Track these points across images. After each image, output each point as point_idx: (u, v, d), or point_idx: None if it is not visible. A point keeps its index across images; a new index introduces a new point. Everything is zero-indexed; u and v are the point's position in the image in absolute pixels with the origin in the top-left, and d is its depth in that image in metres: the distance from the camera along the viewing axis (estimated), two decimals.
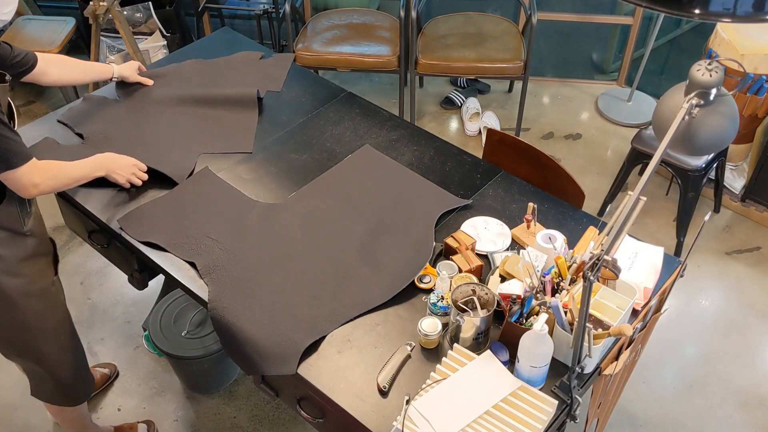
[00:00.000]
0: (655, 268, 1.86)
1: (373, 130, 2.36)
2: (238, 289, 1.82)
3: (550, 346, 1.56)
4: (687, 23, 4.53)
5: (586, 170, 3.57)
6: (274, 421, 2.55)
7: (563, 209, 2.08)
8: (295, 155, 2.26)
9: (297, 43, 3.53)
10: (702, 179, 2.96)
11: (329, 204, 2.07)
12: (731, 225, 3.29)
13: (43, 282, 1.93)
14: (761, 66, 2.96)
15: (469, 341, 1.68)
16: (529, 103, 3.92)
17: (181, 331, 2.44)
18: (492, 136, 2.47)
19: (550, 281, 1.69)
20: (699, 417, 2.57)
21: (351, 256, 1.91)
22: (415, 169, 2.20)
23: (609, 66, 4.29)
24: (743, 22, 1.63)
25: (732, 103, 1.49)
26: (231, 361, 2.59)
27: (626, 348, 1.74)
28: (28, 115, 3.90)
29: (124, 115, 2.36)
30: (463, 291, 1.70)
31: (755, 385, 2.66)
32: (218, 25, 4.27)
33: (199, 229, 1.99)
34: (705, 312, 2.93)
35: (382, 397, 1.63)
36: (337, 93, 2.54)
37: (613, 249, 1.36)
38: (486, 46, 3.51)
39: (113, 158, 2.03)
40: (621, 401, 2.58)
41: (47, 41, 3.60)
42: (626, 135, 3.74)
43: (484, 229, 1.99)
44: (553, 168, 2.30)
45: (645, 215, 3.29)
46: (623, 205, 1.39)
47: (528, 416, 1.55)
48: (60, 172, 1.85)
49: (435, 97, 4.07)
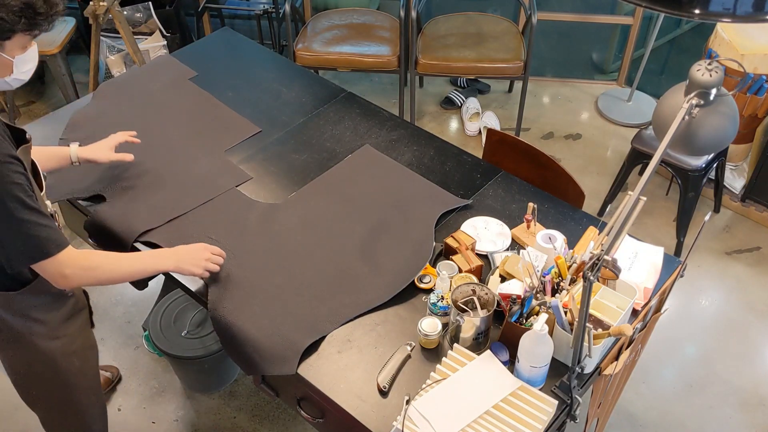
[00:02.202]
0: (655, 268, 1.86)
1: (373, 130, 2.36)
2: (238, 289, 1.82)
3: (550, 346, 1.56)
4: (687, 23, 4.53)
5: (586, 170, 3.57)
6: (274, 421, 2.55)
7: (563, 209, 2.08)
8: (295, 155, 2.26)
9: (297, 43, 3.53)
10: (702, 179, 2.96)
11: (329, 204, 2.07)
12: (731, 225, 3.29)
13: (82, 338, 1.85)
14: (761, 66, 2.96)
15: (469, 341, 1.68)
16: (529, 103, 3.92)
17: (181, 331, 2.44)
18: (492, 136, 2.47)
19: (550, 281, 1.69)
20: (699, 417, 2.57)
21: (351, 256, 1.91)
22: (415, 169, 2.20)
23: (609, 66, 4.29)
24: (743, 22, 1.63)
25: (732, 103, 1.49)
26: (231, 361, 2.59)
27: (626, 348, 1.74)
28: (28, 115, 3.90)
29: None
30: (463, 291, 1.70)
31: (755, 385, 2.66)
32: (218, 25, 4.27)
33: (199, 229, 1.98)
34: (705, 312, 2.93)
35: (382, 397, 1.63)
36: (337, 93, 2.54)
37: (613, 249, 1.36)
38: (486, 46, 3.51)
39: (183, 250, 1.75)
40: (621, 401, 2.58)
41: (47, 41, 3.60)
42: (626, 135, 3.74)
43: (484, 229, 1.99)
44: (553, 168, 2.29)
45: (645, 215, 3.29)
46: (623, 205, 1.39)
47: (528, 416, 1.55)
48: (102, 264, 1.62)
49: (435, 97, 4.07)
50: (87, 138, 2.22)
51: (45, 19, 1.45)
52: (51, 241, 1.51)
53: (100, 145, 2.03)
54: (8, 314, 1.65)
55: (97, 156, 2.00)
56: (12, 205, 1.44)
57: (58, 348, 1.76)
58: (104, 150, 2.02)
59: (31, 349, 1.72)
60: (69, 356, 1.79)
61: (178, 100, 2.47)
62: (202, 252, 1.76)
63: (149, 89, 2.52)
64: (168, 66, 2.64)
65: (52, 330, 1.73)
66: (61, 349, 1.76)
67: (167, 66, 2.64)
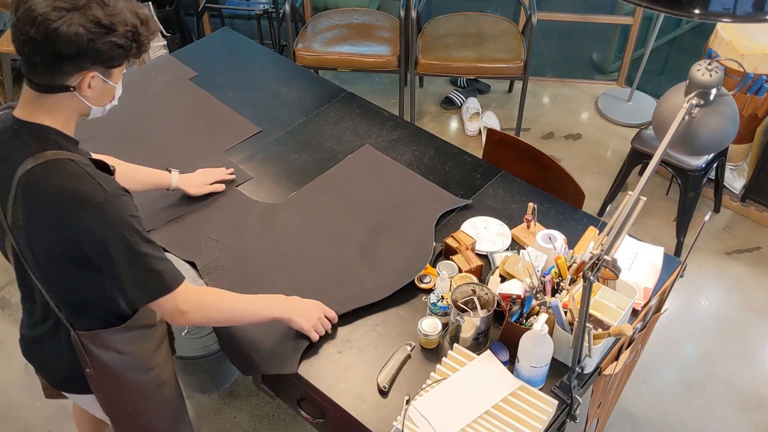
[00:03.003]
0: (655, 268, 1.86)
1: (373, 130, 2.36)
2: (238, 289, 1.82)
3: (550, 346, 1.56)
4: (687, 23, 4.53)
5: (586, 170, 3.57)
6: (274, 421, 2.55)
7: (563, 209, 2.08)
8: (295, 155, 2.26)
9: (297, 43, 3.53)
10: (702, 179, 2.96)
11: (329, 204, 2.07)
12: (731, 225, 3.29)
13: (169, 367, 1.77)
14: (761, 66, 2.96)
15: (469, 341, 1.68)
16: (529, 103, 3.92)
17: (181, 331, 2.44)
18: (492, 136, 2.47)
19: (550, 281, 1.69)
20: (699, 417, 2.57)
21: (351, 256, 1.91)
22: (415, 169, 2.20)
23: (609, 66, 4.29)
24: (743, 22, 1.63)
25: (732, 103, 1.49)
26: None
27: (626, 348, 1.74)
28: None
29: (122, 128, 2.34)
30: (463, 291, 1.70)
31: (755, 385, 2.66)
32: (218, 25, 4.27)
33: (199, 229, 1.98)
34: (705, 312, 2.93)
35: (382, 397, 1.63)
36: (337, 93, 2.54)
37: (613, 249, 1.36)
38: (486, 46, 3.51)
39: (299, 302, 1.72)
40: (621, 401, 2.58)
41: None
42: (626, 135, 3.74)
43: (484, 229, 1.99)
44: (553, 168, 2.30)
45: (645, 215, 3.29)
46: (623, 205, 1.39)
47: (528, 416, 1.55)
48: (218, 303, 1.57)
49: (435, 97, 4.07)
50: (91, 139, 2.22)
51: (147, 43, 1.38)
52: (171, 275, 1.45)
53: (198, 181, 2.07)
54: (101, 351, 1.56)
55: (192, 191, 2.06)
56: (132, 239, 1.36)
57: (150, 380, 1.69)
58: (201, 186, 2.07)
59: (123, 383, 1.64)
60: (160, 387, 1.73)
61: (178, 100, 2.47)
62: (317, 311, 1.73)
63: (149, 89, 2.52)
64: (168, 66, 2.64)
65: (144, 362, 1.66)
66: (152, 382, 1.70)
67: (167, 66, 2.64)
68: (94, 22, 1.26)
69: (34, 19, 1.23)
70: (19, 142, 1.35)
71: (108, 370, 1.59)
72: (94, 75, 1.33)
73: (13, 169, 1.34)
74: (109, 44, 1.29)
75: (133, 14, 1.32)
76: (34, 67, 1.29)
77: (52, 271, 1.43)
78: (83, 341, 1.53)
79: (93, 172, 1.36)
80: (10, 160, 1.35)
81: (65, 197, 1.32)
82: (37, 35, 1.24)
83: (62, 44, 1.24)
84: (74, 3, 1.25)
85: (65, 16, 1.24)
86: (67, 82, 1.31)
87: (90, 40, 1.26)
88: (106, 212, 1.33)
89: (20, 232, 1.38)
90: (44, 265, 1.42)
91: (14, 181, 1.34)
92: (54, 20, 1.23)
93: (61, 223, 1.34)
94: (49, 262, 1.41)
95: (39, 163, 1.32)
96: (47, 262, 1.41)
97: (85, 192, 1.32)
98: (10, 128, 1.37)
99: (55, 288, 1.47)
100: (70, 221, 1.33)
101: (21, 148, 1.34)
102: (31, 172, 1.32)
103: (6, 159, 1.36)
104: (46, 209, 1.34)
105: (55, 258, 1.39)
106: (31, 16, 1.24)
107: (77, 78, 1.32)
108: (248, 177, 2.17)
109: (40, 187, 1.33)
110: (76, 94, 1.34)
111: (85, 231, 1.33)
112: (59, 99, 1.34)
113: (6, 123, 1.38)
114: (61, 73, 1.30)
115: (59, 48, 1.25)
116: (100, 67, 1.33)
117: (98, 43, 1.27)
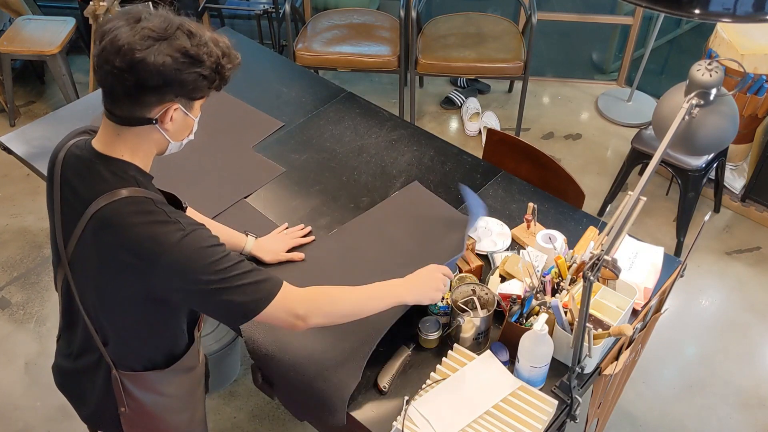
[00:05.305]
0: (655, 268, 1.86)
1: (373, 130, 2.36)
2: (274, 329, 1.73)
3: (550, 346, 1.56)
4: (687, 23, 4.53)
5: (586, 170, 3.57)
6: (274, 421, 2.55)
7: (563, 209, 2.08)
8: (295, 155, 2.26)
9: (297, 43, 3.53)
10: (702, 179, 2.96)
11: (371, 244, 1.97)
12: (731, 225, 3.29)
13: (202, 406, 1.71)
14: (761, 66, 2.96)
15: (469, 341, 1.68)
16: (529, 103, 3.92)
17: None
18: (492, 136, 2.47)
19: (550, 281, 1.69)
20: (699, 417, 2.57)
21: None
22: (415, 169, 2.20)
23: (609, 66, 4.29)
24: (743, 22, 1.63)
25: (732, 103, 1.49)
26: (231, 361, 2.60)
27: (626, 348, 1.74)
28: (28, 115, 3.90)
29: None
30: (463, 291, 1.70)
31: (755, 385, 2.66)
32: (218, 25, 4.27)
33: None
34: (705, 312, 2.93)
35: (382, 397, 1.63)
36: (337, 93, 2.54)
37: (613, 249, 1.36)
38: (486, 46, 3.51)
39: (417, 280, 1.57)
40: (621, 401, 2.58)
41: (47, 41, 3.60)
42: (626, 135, 3.74)
43: (484, 229, 1.99)
44: (553, 168, 2.30)
45: (645, 215, 3.29)
46: (623, 205, 1.39)
47: (528, 416, 1.55)
48: (340, 296, 1.48)
49: (435, 97, 4.07)
50: None
51: (230, 76, 1.32)
52: (270, 282, 1.37)
53: (274, 248, 1.89)
54: (141, 392, 1.51)
55: (268, 258, 1.87)
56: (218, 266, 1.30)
57: (184, 422, 1.64)
58: (276, 254, 1.89)
59: (157, 424, 1.59)
60: (192, 427, 1.68)
61: None
62: (436, 281, 1.58)
63: None
64: None
65: (182, 404, 1.61)
66: (188, 421, 1.65)
67: None
68: (182, 53, 1.21)
69: (119, 49, 1.19)
70: (97, 176, 1.31)
71: (144, 411, 1.55)
72: (177, 107, 1.28)
73: (87, 203, 1.30)
74: (195, 75, 1.24)
75: (217, 45, 1.28)
76: (116, 99, 1.25)
77: (115, 309, 1.39)
78: (123, 381, 1.48)
79: (169, 210, 1.31)
80: (83, 194, 1.31)
81: (143, 239, 1.27)
82: (122, 65, 1.19)
83: (148, 75, 1.20)
84: (161, 33, 1.21)
85: (153, 46, 1.19)
86: (149, 115, 1.27)
87: (176, 71, 1.21)
88: (184, 250, 1.28)
89: (83, 268, 1.35)
90: (109, 304, 1.38)
91: (86, 215, 1.30)
92: (140, 50, 1.19)
93: (137, 268, 1.29)
94: (115, 301, 1.37)
95: (114, 200, 1.28)
96: (113, 301, 1.37)
97: (163, 233, 1.28)
98: (88, 160, 1.32)
99: (113, 326, 1.42)
100: (148, 266, 1.28)
101: (98, 182, 1.30)
102: (107, 209, 1.28)
103: (78, 191, 1.33)
104: (121, 251, 1.29)
105: (125, 299, 1.35)
106: (116, 45, 1.19)
107: (159, 110, 1.27)
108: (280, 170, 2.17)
109: (115, 226, 1.28)
110: (158, 127, 1.29)
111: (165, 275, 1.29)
112: (140, 132, 1.30)
113: (84, 153, 1.34)
114: (144, 104, 1.25)
115: (144, 79, 1.20)
116: (183, 99, 1.28)
117: (184, 74, 1.23)
